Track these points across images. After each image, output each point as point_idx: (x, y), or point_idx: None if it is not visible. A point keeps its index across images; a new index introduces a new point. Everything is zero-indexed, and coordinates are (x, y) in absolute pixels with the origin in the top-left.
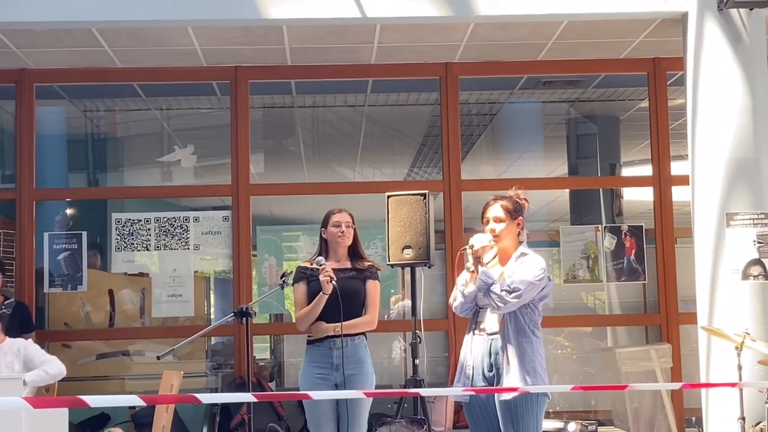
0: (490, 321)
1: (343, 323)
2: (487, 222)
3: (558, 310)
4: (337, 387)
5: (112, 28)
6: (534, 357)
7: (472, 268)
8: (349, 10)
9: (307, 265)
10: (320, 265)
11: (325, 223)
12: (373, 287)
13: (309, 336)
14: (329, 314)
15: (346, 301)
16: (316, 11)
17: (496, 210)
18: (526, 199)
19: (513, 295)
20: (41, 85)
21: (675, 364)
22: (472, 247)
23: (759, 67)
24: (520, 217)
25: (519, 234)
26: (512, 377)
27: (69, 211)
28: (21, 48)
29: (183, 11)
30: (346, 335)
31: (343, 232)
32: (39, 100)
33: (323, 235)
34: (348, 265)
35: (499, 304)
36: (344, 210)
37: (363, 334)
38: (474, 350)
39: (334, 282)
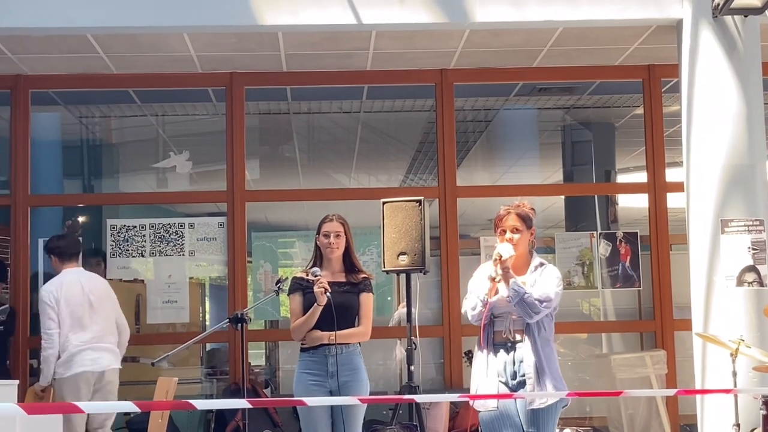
0: (511, 330)
1: (338, 333)
2: (504, 232)
3: None
4: (331, 394)
5: (108, 34)
6: (557, 364)
7: (499, 278)
8: (344, 17)
9: (303, 275)
10: (315, 276)
11: (318, 231)
12: (366, 300)
13: (303, 343)
14: (324, 324)
15: (340, 314)
16: (312, 18)
17: (513, 220)
18: (533, 209)
19: (545, 304)
20: (36, 91)
21: (670, 370)
22: (500, 257)
23: (753, 74)
24: (533, 227)
25: (532, 243)
26: (544, 385)
27: (81, 219)
28: (16, 54)
29: (179, 17)
30: (340, 343)
31: (331, 243)
32: (34, 105)
33: (317, 243)
34: (342, 278)
35: (533, 313)
36: (336, 219)
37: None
38: (495, 360)
39: (328, 294)
